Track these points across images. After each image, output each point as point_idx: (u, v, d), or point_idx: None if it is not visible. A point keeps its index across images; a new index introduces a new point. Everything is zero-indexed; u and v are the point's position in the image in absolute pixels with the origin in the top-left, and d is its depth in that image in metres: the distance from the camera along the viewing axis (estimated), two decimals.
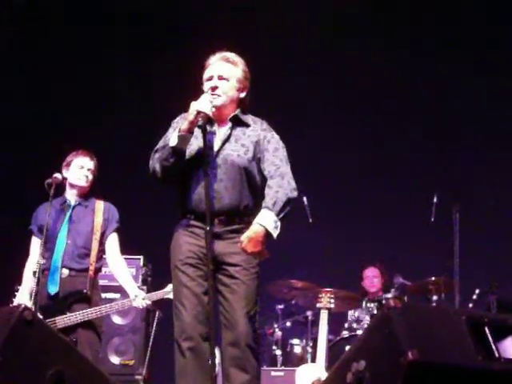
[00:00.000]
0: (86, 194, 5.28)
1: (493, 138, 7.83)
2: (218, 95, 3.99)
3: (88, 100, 8.12)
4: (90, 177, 5.24)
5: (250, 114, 4.18)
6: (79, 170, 5.20)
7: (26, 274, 5.15)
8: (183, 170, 3.94)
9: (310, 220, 6.44)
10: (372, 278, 7.27)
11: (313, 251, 7.36)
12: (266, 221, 3.80)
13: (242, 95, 4.10)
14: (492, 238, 7.45)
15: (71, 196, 5.23)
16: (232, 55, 4.12)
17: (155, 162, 3.94)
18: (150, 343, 6.43)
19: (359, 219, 7.88)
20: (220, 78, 4.03)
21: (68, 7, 8.24)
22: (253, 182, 4.00)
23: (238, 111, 4.09)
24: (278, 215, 3.82)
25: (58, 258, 5.02)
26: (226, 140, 4.02)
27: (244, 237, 3.78)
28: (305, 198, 6.68)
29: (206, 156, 3.87)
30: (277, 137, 4.11)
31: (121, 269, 5.28)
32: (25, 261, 5.23)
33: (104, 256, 5.27)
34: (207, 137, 3.88)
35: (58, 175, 5.13)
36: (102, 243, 5.19)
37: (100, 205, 5.26)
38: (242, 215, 3.94)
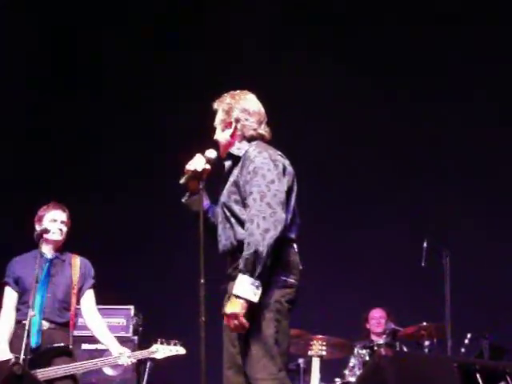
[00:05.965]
0: (62, 248, 5.19)
1: (485, 183, 7.87)
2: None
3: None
4: (64, 229, 5.14)
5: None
6: (52, 223, 5.08)
7: (1, 327, 4.98)
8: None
9: (301, 267, 6.41)
10: (379, 318, 7.31)
11: (303, 298, 7.34)
12: (243, 289, 3.51)
13: (229, 131, 3.92)
14: (483, 281, 7.45)
15: (47, 250, 5.10)
16: (216, 101, 3.98)
17: None
18: None
19: (350, 265, 7.86)
20: (214, 128, 4.00)
21: None
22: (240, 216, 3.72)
23: (233, 148, 3.88)
24: (252, 275, 3.51)
25: (38, 311, 4.90)
26: (225, 181, 3.88)
27: (226, 311, 3.56)
28: (295, 245, 6.64)
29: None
30: (257, 162, 3.69)
31: (100, 326, 5.21)
32: None
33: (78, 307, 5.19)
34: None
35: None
36: (78, 298, 5.12)
37: (76, 260, 5.18)
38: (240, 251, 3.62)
